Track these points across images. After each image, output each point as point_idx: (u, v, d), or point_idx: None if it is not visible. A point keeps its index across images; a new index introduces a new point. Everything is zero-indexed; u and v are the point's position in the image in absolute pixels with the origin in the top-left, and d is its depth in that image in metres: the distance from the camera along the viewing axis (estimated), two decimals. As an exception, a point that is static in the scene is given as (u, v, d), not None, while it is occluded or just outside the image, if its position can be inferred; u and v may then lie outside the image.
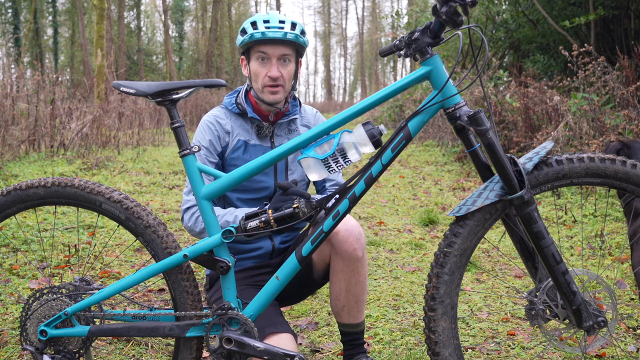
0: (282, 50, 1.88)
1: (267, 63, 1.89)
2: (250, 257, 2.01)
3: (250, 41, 1.86)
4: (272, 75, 1.88)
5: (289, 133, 2.03)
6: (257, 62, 1.90)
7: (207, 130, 1.95)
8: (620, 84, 5.67)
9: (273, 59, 1.88)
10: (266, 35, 1.83)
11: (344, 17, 54.37)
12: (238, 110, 1.98)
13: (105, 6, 12.42)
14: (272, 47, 1.87)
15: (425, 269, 3.29)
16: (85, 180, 1.65)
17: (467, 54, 10.28)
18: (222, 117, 1.98)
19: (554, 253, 1.47)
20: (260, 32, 1.83)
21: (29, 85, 7.78)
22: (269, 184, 1.98)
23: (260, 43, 1.86)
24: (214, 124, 1.96)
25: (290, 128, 2.04)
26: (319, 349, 2.27)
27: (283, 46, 1.87)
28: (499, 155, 1.46)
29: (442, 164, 7.75)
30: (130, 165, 7.01)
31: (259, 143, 1.98)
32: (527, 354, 2.21)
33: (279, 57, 1.88)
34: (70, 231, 3.83)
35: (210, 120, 1.97)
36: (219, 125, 1.96)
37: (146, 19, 38.99)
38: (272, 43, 1.86)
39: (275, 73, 1.88)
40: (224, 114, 2.00)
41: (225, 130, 1.96)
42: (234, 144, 1.96)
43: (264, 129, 1.97)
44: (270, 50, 1.87)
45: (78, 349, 1.66)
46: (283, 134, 2.02)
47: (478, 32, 1.51)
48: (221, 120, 1.98)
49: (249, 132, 1.98)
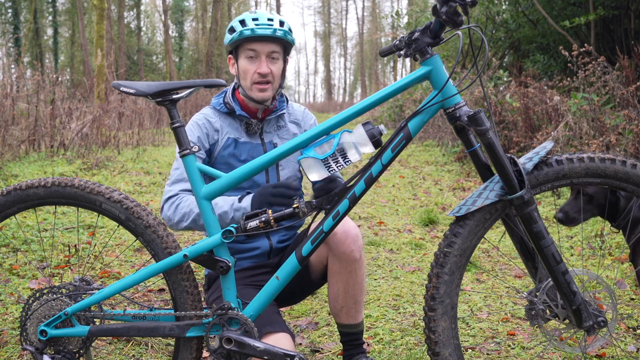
0: (271, 47, 1.89)
1: (256, 60, 1.90)
2: (248, 257, 2.01)
3: (240, 39, 1.87)
4: (261, 72, 1.89)
5: (277, 129, 2.04)
6: (246, 60, 1.91)
7: (195, 128, 1.96)
8: (620, 84, 5.66)
9: (262, 56, 1.89)
10: (255, 32, 1.84)
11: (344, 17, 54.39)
12: (226, 109, 2.00)
13: (105, 6, 12.41)
14: (261, 44, 1.88)
15: (425, 269, 3.29)
16: (85, 180, 1.65)
17: (467, 54, 10.28)
18: (211, 116, 2.00)
19: (554, 253, 1.47)
20: (249, 29, 1.84)
21: (29, 85, 7.77)
22: (261, 180, 1.99)
23: (249, 40, 1.87)
24: (204, 122, 1.98)
25: (279, 124, 2.05)
26: (319, 349, 2.27)
27: (272, 43, 1.89)
28: (499, 155, 1.46)
29: (442, 164, 7.75)
30: (130, 165, 7.01)
31: (248, 140, 1.99)
32: (527, 354, 2.20)
33: (267, 54, 1.90)
34: (70, 231, 3.83)
35: (200, 119, 1.99)
36: (208, 123, 1.98)
37: (146, 19, 39.00)
38: (261, 40, 1.87)
39: (265, 69, 1.89)
40: (212, 114, 2.01)
41: (214, 128, 1.97)
42: (224, 142, 1.97)
43: (253, 126, 1.99)
44: (260, 47, 1.88)
45: (78, 349, 1.66)
46: (272, 130, 2.03)
47: (478, 32, 1.51)
48: (210, 118, 1.99)
49: (238, 130, 2.00)
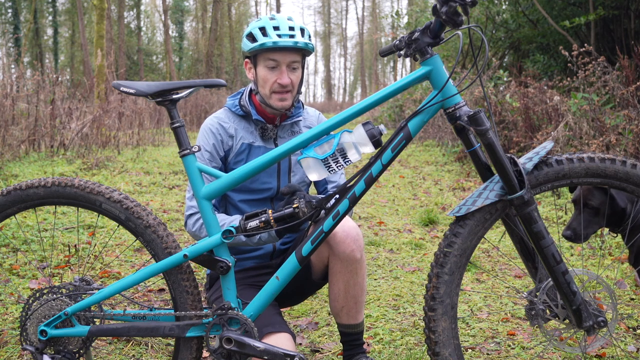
0: (292, 57, 1.86)
1: (276, 70, 1.87)
2: (251, 258, 2.01)
3: (261, 49, 1.84)
4: (282, 83, 1.86)
5: (292, 135, 2.02)
6: (266, 69, 1.87)
7: (210, 135, 1.94)
8: (620, 84, 5.66)
9: (283, 66, 1.86)
10: (278, 44, 1.81)
11: (344, 17, 54.40)
12: (242, 112, 1.97)
13: (105, 6, 12.41)
14: (282, 54, 1.85)
15: (425, 269, 3.29)
16: (85, 180, 1.65)
17: (467, 54, 10.28)
18: (226, 120, 1.97)
19: (554, 253, 1.47)
20: (272, 41, 1.80)
21: (29, 85, 7.77)
22: (272, 185, 1.97)
23: (270, 50, 1.84)
24: (217, 127, 1.95)
25: (293, 130, 2.03)
26: (319, 349, 2.27)
27: (293, 53, 1.86)
28: (499, 155, 1.46)
29: (442, 164, 7.75)
30: (130, 165, 7.01)
31: (262, 145, 1.97)
32: (527, 354, 2.20)
33: (288, 64, 1.87)
34: (70, 231, 3.83)
35: (214, 124, 1.96)
36: (222, 129, 1.95)
37: (146, 19, 39.00)
38: (282, 50, 1.84)
39: (286, 80, 1.87)
40: (227, 117, 1.99)
41: (228, 134, 1.95)
42: (238, 147, 1.95)
43: (268, 131, 1.96)
44: (281, 57, 1.85)
45: (78, 349, 1.66)
46: (286, 136, 2.01)
47: (478, 32, 1.51)
48: (224, 123, 1.97)
49: (252, 134, 1.97)
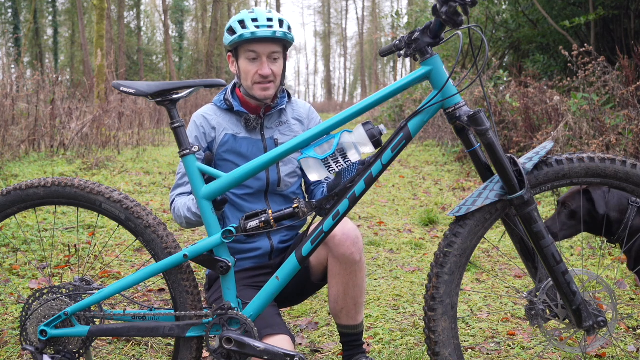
0: (271, 48, 1.89)
1: (256, 61, 1.90)
2: (250, 258, 2.01)
3: (240, 41, 1.87)
4: (263, 74, 1.89)
5: (279, 125, 2.05)
6: (247, 61, 1.91)
7: (193, 127, 2.00)
8: (620, 84, 5.66)
9: (263, 57, 1.89)
10: (256, 34, 1.84)
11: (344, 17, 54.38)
12: (226, 106, 2.01)
13: (105, 6, 12.41)
14: (261, 45, 1.88)
15: (425, 269, 3.29)
16: (85, 180, 1.65)
17: (467, 54, 10.28)
18: (210, 114, 2.02)
19: (554, 253, 1.47)
20: (250, 32, 1.84)
21: (29, 85, 7.77)
22: (262, 176, 1.99)
23: (249, 42, 1.87)
24: (201, 121, 2.00)
25: (280, 120, 2.05)
26: (319, 349, 2.27)
27: (272, 44, 1.89)
28: (499, 155, 1.46)
29: (442, 164, 7.75)
30: (130, 165, 7.01)
31: (248, 136, 2.00)
32: (527, 354, 2.20)
33: (268, 55, 1.90)
34: (70, 231, 3.83)
35: (198, 118, 2.01)
36: (205, 121, 2.00)
37: (146, 19, 38.99)
38: (261, 41, 1.87)
39: (267, 71, 1.89)
40: (212, 111, 2.03)
41: (211, 126, 1.99)
42: (221, 138, 1.98)
43: (252, 122, 1.99)
44: (260, 48, 1.88)
45: (78, 349, 1.66)
46: (273, 126, 2.04)
47: (478, 32, 1.51)
48: (208, 116, 2.01)
49: (237, 126, 2.01)
